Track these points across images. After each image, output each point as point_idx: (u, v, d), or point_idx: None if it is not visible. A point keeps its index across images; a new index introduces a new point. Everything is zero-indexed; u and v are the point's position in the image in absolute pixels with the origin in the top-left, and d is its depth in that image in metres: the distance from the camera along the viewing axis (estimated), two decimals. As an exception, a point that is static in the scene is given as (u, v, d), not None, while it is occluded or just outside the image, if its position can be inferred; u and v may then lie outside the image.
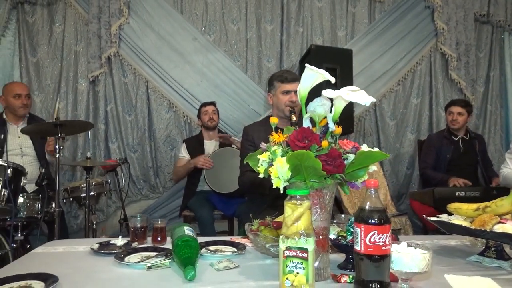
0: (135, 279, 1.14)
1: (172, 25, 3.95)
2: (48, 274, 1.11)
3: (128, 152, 3.94)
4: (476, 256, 1.35)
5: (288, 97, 2.28)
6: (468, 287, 1.08)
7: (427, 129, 4.35)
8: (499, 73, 4.50)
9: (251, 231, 1.36)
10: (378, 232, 0.95)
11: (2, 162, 2.22)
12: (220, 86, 4.03)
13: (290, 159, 1.03)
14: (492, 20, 4.40)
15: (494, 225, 1.28)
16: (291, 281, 0.97)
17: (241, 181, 2.31)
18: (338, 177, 1.07)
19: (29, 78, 3.76)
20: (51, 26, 3.83)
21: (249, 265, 1.28)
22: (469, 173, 3.29)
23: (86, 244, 1.51)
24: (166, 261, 1.26)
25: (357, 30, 4.24)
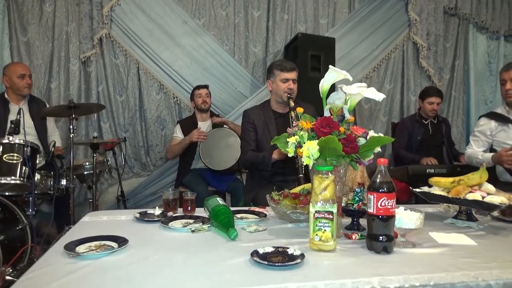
0: (186, 240, 1.39)
1: (163, 8, 4.07)
2: (116, 236, 1.34)
3: (119, 131, 4.07)
4: (451, 219, 1.70)
5: (287, 84, 2.53)
6: (447, 240, 1.41)
7: (398, 113, 4.74)
8: (463, 62, 4.93)
9: (273, 201, 1.64)
10: (387, 198, 1.24)
11: (21, 141, 2.36)
12: (209, 69, 4.21)
13: (319, 142, 1.30)
14: (459, 13, 4.80)
15: (466, 194, 1.62)
16: (320, 236, 1.26)
17: (244, 159, 2.57)
18: (354, 157, 1.35)
19: (20, 58, 3.78)
20: (41, 5, 3.84)
21: (273, 228, 1.56)
22: (436, 153, 3.70)
23: (124, 214, 1.74)
24: (206, 226, 1.52)
25: (338, 18, 4.51)
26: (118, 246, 1.25)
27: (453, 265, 1.15)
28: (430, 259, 1.21)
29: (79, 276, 1.04)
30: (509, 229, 1.62)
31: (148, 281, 1.02)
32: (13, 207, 2.39)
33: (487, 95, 5.03)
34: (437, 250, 1.30)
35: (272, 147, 2.46)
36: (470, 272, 1.10)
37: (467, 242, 1.40)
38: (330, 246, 1.26)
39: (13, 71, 2.95)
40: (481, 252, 1.29)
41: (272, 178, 2.52)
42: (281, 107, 2.61)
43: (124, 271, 1.08)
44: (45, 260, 1.17)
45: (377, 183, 1.26)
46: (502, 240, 1.46)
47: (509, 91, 2.65)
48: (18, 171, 2.32)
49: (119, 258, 1.19)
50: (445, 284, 1.04)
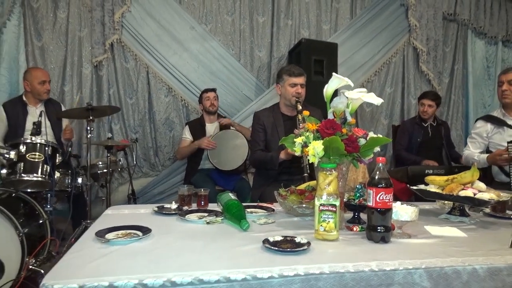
0: (202, 230, 1.53)
1: (171, 14, 4.22)
2: (140, 226, 1.48)
3: (129, 133, 4.22)
4: (445, 214, 1.83)
5: (295, 89, 2.67)
6: (440, 233, 1.54)
7: (399, 115, 4.88)
8: (462, 66, 5.08)
9: (281, 196, 1.78)
10: (385, 193, 1.38)
11: (42, 140, 2.51)
12: (215, 73, 4.36)
13: (323, 142, 1.44)
14: (458, 19, 4.94)
15: (459, 191, 1.75)
16: (324, 227, 1.40)
17: (253, 158, 2.72)
18: (355, 155, 1.49)
19: (35, 62, 3.94)
20: (55, 12, 4.00)
21: (281, 221, 1.70)
22: (436, 154, 3.84)
23: (143, 208, 1.88)
24: (219, 218, 1.66)
25: (340, 24, 4.66)
26: (143, 234, 1.39)
27: (443, 252, 1.29)
28: (423, 248, 1.35)
29: (112, 258, 1.19)
30: (499, 224, 1.76)
31: (173, 262, 1.16)
32: (34, 203, 2.54)
33: (486, 99, 5.16)
34: (430, 241, 1.44)
35: (280, 148, 2.61)
36: (458, 258, 1.23)
37: (458, 234, 1.54)
38: (333, 236, 1.39)
39: (35, 77, 3.11)
40: (470, 242, 1.43)
41: (279, 177, 2.66)
42: (289, 110, 2.75)
43: (150, 254, 1.23)
44: (80, 244, 1.32)
45: (376, 179, 1.40)
46: (490, 233, 1.60)
47: (505, 91, 2.79)
48: (40, 169, 2.46)
49: (145, 244, 1.33)
50: (435, 268, 1.17)
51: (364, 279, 1.13)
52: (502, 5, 5.05)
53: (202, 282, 1.04)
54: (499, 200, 1.69)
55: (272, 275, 1.08)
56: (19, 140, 2.49)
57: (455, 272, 1.18)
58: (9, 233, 2.19)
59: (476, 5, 4.96)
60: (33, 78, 3.12)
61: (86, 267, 1.11)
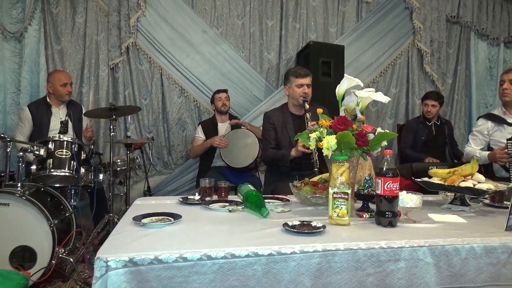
0: (226, 217, 1.69)
1: (184, 18, 4.40)
2: (171, 212, 1.64)
3: (144, 132, 4.40)
4: (447, 204, 1.98)
5: (302, 89, 2.83)
6: (442, 219, 1.69)
7: (403, 115, 5.02)
8: (465, 67, 5.21)
9: (296, 188, 1.93)
10: (392, 182, 1.53)
11: (69, 138, 2.68)
12: (226, 75, 4.53)
13: (336, 137, 1.59)
14: (461, 21, 5.08)
15: (460, 182, 1.90)
16: (337, 212, 1.55)
17: (265, 156, 2.88)
18: (365, 149, 1.65)
19: (55, 65, 4.12)
20: (74, 17, 4.19)
21: (297, 210, 1.86)
22: (439, 152, 3.98)
23: (168, 199, 2.05)
24: (240, 207, 1.82)
25: (346, 27, 4.81)
26: (174, 219, 1.56)
27: (444, 234, 1.44)
28: (427, 231, 1.50)
29: (151, 238, 1.35)
30: (497, 212, 1.90)
31: (205, 241, 1.32)
32: (60, 198, 2.72)
33: (488, 99, 5.29)
34: (433, 225, 1.60)
35: (290, 145, 2.77)
36: (458, 238, 1.39)
37: (459, 220, 1.69)
38: (345, 221, 1.55)
39: (57, 79, 3.29)
40: (469, 227, 1.58)
41: (289, 173, 2.81)
42: (297, 110, 2.91)
43: (185, 235, 1.39)
44: (121, 227, 1.48)
45: (384, 170, 1.55)
46: (488, 219, 1.75)
47: (505, 90, 2.93)
48: (67, 165, 2.64)
49: (177, 228, 1.50)
50: (437, 246, 1.32)
51: (374, 255, 1.28)
52: (504, 8, 5.18)
53: (234, 256, 1.20)
54: (497, 190, 1.84)
55: (294, 250, 1.24)
56: (47, 138, 2.67)
57: (455, 250, 1.33)
58: (42, 224, 2.36)
59: (478, 8, 5.10)
60: (55, 81, 3.29)
61: (131, 244, 1.27)
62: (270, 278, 1.22)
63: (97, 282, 1.14)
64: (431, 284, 1.30)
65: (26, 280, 1.62)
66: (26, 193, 2.39)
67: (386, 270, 1.29)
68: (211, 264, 1.19)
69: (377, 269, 1.28)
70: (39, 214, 2.35)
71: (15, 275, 1.63)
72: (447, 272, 1.32)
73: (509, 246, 1.37)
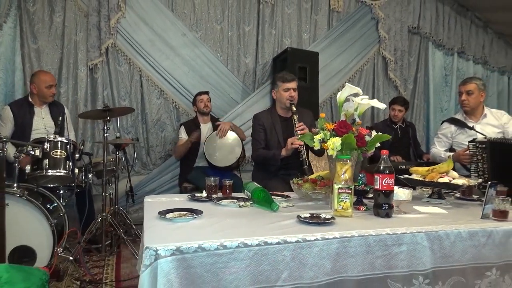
0: (239, 212, 1.85)
1: (164, 21, 4.47)
2: (192, 208, 1.77)
3: (122, 133, 4.41)
4: (426, 198, 2.25)
5: (288, 93, 3.02)
6: (427, 210, 1.95)
7: (369, 118, 5.38)
8: (424, 74, 5.66)
9: (297, 185, 2.12)
10: (389, 178, 1.76)
11: (64, 139, 2.71)
12: (205, 77, 4.65)
13: (342, 139, 1.80)
14: (421, 32, 5.52)
15: (438, 178, 2.18)
16: (342, 205, 1.76)
17: (256, 155, 3.05)
18: (363, 149, 1.87)
19: (31, 64, 4.05)
20: (51, 15, 4.13)
21: (299, 205, 2.04)
22: (405, 152, 4.34)
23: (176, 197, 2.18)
24: (248, 203, 1.98)
25: (318, 34, 5.09)
26: (196, 214, 1.69)
27: (434, 222, 1.68)
28: (418, 220, 1.74)
29: (183, 231, 1.48)
30: (468, 204, 2.19)
31: (231, 230, 1.48)
32: (53, 198, 2.74)
33: (443, 104, 5.78)
34: (421, 215, 1.84)
35: (279, 146, 2.96)
36: (447, 225, 1.63)
37: (440, 211, 1.95)
38: (348, 213, 1.76)
39: (43, 81, 3.26)
40: (451, 216, 1.84)
41: (277, 172, 3.00)
42: (284, 112, 3.10)
43: (211, 227, 1.53)
44: (149, 222, 1.60)
45: (381, 168, 1.78)
46: (463, 210, 2.03)
47: (464, 101, 3.28)
48: (62, 164, 2.66)
49: (202, 221, 1.63)
50: (431, 231, 1.56)
51: (382, 240, 1.50)
52: (458, 21, 5.68)
53: (267, 244, 1.37)
54: (469, 185, 2.13)
55: (317, 238, 1.43)
56: (43, 138, 2.68)
57: (446, 234, 1.57)
58: (42, 224, 2.39)
59: (436, 20, 5.56)
60: (41, 82, 3.26)
61: (170, 235, 1.40)
62: (297, 262, 1.39)
63: (146, 269, 1.26)
64: (427, 264, 1.54)
65: (47, 276, 1.68)
66: (25, 193, 2.41)
67: (391, 253, 1.51)
68: (247, 251, 1.35)
69: (384, 252, 1.50)
70: (39, 214, 2.38)
71: (37, 271, 1.68)
72: (439, 253, 1.56)
73: (487, 231, 1.63)
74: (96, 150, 4.26)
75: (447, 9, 5.60)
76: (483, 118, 3.29)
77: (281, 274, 1.37)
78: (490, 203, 1.80)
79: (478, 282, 1.62)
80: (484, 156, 2.96)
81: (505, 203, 1.77)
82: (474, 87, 3.19)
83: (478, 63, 5.87)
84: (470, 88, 3.20)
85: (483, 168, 2.96)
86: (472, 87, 3.19)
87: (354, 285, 1.45)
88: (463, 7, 5.65)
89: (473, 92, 3.20)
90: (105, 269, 2.84)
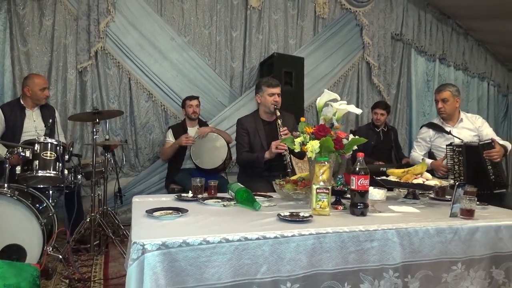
0: (223, 211, 1.94)
1: (153, 25, 4.55)
2: (177, 207, 1.86)
3: (111, 135, 4.47)
4: (402, 198, 2.38)
5: (273, 98, 3.12)
6: (401, 210, 2.07)
7: (354, 121, 5.53)
8: (406, 79, 5.84)
9: (279, 185, 2.23)
10: (364, 179, 1.87)
11: (54, 141, 2.78)
12: (193, 81, 4.74)
13: (320, 142, 1.91)
14: (403, 39, 5.70)
15: (412, 180, 2.30)
16: (320, 204, 1.87)
17: (240, 158, 3.14)
18: (341, 152, 1.98)
19: (20, 67, 4.09)
20: (41, 19, 4.18)
21: (281, 204, 2.15)
22: (387, 155, 4.48)
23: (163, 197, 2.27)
24: (232, 203, 2.08)
25: (304, 40, 5.22)
26: (182, 213, 1.78)
27: (405, 220, 1.80)
28: (391, 218, 1.86)
29: (170, 227, 1.57)
30: (440, 204, 2.32)
31: (214, 226, 1.58)
32: (43, 198, 2.80)
33: (426, 108, 5.96)
34: (394, 214, 1.96)
35: (262, 149, 3.06)
36: (416, 223, 1.75)
37: (413, 210, 2.08)
38: (326, 211, 1.86)
39: (36, 84, 3.32)
40: (422, 215, 1.96)
41: (262, 173, 3.10)
42: (268, 116, 3.21)
43: (195, 224, 1.63)
44: (137, 220, 1.69)
45: (357, 169, 1.89)
46: (435, 209, 2.15)
47: (440, 109, 3.42)
48: (52, 166, 2.73)
49: (186, 219, 1.72)
50: (401, 228, 1.67)
51: (356, 236, 1.61)
52: (439, 28, 5.88)
53: (247, 239, 1.47)
54: (441, 186, 2.26)
55: (294, 234, 1.53)
56: (33, 139, 2.75)
57: (415, 231, 1.69)
58: (32, 223, 2.46)
59: (418, 27, 5.75)
60: (34, 85, 3.33)
61: (156, 232, 1.49)
62: (275, 257, 1.50)
63: (133, 263, 1.35)
64: (397, 259, 1.65)
65: (37, 272, 1.76)
66: (16, 193, 2.47)
67: (364, 248, 1.62)
68: (228, 246, 1.44)
69: (357, 247, 1.61)
70: (30, 214, 2.45)
71: (28, 266, 1.76)
72: (409, 249, 1.68)
73: (453, 228, 1.76)
74: (85, 151, 4.32)
75: (429, 17, 5.80)
76: (460, 122, 3.44)
77: (260, 268, 1.47)
78: (458, 202, 1.93)
79: (445, 275, 1.74)
80: (460, 159, 3.10)
81: (471, 202, 1.90)
82: (449, 95, 3.33)
83: (459, 69, 6.08)
84: (445, 96, 3.34)
85: (459, 171, 3.10)
86: (447, 95, 3.34)
87: (328, 278, 1.56)
88: (445, 15, 5.85)
89: (448, 100, 3.34)
90: (94, 268, 2.91)
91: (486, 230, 1.81)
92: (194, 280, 1.40)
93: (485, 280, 1.80)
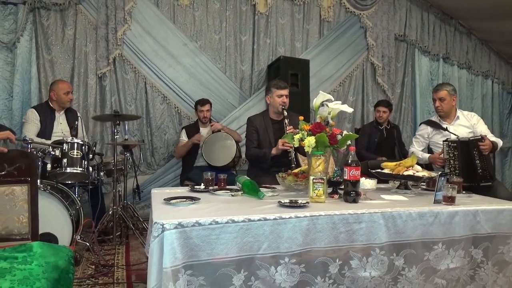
0: (231, 199, 2.20)
1: (166, 32, 4.85)
2: (190, 196, 2.13)
3: (129, 136, 4.77)
4: (395, 189, 2.60)
5: (281, 99, 3.37)
6: (390, 198, 2.29)
7: (360, 120, 5.73)
8: (410, 79, 6.01)
9: (281, 178, 2.48)
10: (355, 170, 2.11)
11: (79, 141, 3.08)
12: (205, 84, 5.02)
13: (315, 138, 2.16)
14: (407, 39, 5.88)
15: (404, 172, 2.53)
16: (316, 193, 2.11)
17: (249, 154, 3.41)
18: (335, 146, 2.22)
19: (45, 73, 4.43)
20: (64, 29, 4.52)
21: (283, 194, 2.39)
22: (390, 152, 4.69)
23: (179, 189, 2.54)
24: (239, 193, 2.34)
25: (310, 42, 5.46)
26: (195, 201, 2.05)
27: (392, 206, 2.02)
28: (380, 204, 2.09)
29: (184, 212, 1.84)
30: (429, 194, 2.52)
31: (223, 211, 1.83)
32: (70, 193, 3.11)
33: (430, 106, 6.08)
34: (383, 201, 2.19)
35: (270, 146, 3.31)
36: (401, 208, 1.98)
37: (402, 198, 2.30)
38: (322, 199, 2.11)
39: (61, 88, 3.65)
40: (409, 202, 2.19)
41: (269, 169, 3.35)
42: (276, 116, 3.46)
43: (206, 209, 1.89)
44: (156, 207, 1.96)
45: (349, 161, 2.13)
46: (423, 198, 2.37)
47: (438, 107, 3.63)
48: (79, 163, 3.04)
49: (198, 206, 1.99)
50: (386, 212, 1.91)
51: (345, 219, 1.85)
52: (442, 28, 6.04)
53: (250, 220, 1.72)
54: (430, 177, 2.48)
55: (291, 216, 1.78)
56: (62, 140, 3.06)
57: (398, 214, 1.92)
58: (63, 214, 2.76)
59: (421, 28, 5.93)
60: (59, 89, 3.65)
61: (173, 215, 1.76)
62: (275, 235, 1.75)
63: (155, 239, 1.62)
64: (382, 239, 1.89)
65: (72, 253, 2.03)
66: (48, 187, 2.77)
67: (353, 229, 1.86)
68: (234, 226, 1.70)
69: (347, 228, 1.85)
70: (61, 206, 2.74)
71: (64, 248, 2.03)
72: (393, 230, 1.91)
73: (434, 212, 1.98)
74: (105, 151, 4.63)
75: (432, 18, 5.97)
76: (456, 120, 3.64)
77: (262, 245, 1.73)
78: (441, 190, 2.15)
79: (427, 254, 1.96)
80: (455, 154, 3.31)
81: (453, 190, 2.12)
82: (446, 94, 3.54)
83: (462, 68, 6.22)
84: (442, 95, 3.55)
85: (454, 165, 3.31)
86: (443, 94, 3.54)
87: (321, 254, 1.81)
88: (447, 16, 6.01)
89: (445, 99, 3.55)
90: (116, 256, 3.20)
91: (464, 214, 2.03)
92: (205, 254, 1.66)
93: (464, 258, 2.02)
